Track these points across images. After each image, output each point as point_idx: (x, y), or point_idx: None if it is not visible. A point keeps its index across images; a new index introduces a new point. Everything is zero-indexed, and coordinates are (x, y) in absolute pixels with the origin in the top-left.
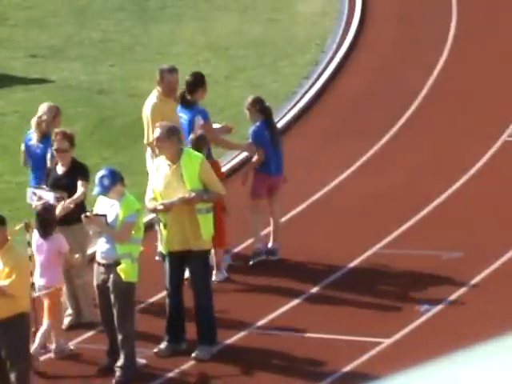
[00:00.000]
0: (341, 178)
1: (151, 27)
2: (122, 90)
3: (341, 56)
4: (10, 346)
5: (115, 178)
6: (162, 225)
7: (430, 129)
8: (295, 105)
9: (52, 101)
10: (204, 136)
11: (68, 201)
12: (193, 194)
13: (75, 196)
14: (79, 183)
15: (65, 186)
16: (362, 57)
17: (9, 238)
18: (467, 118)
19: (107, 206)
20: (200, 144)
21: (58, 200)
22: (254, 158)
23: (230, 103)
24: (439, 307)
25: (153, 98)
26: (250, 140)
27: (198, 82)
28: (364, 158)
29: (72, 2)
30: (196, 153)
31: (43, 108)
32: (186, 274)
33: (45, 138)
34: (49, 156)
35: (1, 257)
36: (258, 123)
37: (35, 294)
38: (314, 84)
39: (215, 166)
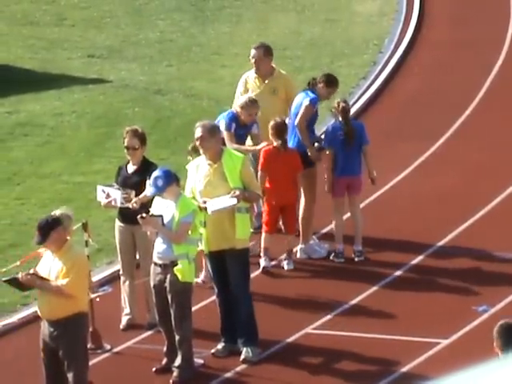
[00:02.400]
0: (398, 178)
1: (208, 28)
2: (179, 90)
3: (398, 56)
4: (67, 346)
5: (169, 178)
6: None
7: (488, 129)
8: (353, 105)
9: (109, 101)
10: (285, 123)
11: (134, 199)
12: (237, 192)
13: (141, 195)
14: (148, 183)
15: (134, 184)
16: (419, 57)
17: (68, 238)
18: None
19: (163, 207)
20: (283, 129)
21: (125, 199)
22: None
23: None
24: (497, 308)
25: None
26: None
27: (325, 79)
28: (422, 159)
29: (129, 2)
30: (236, 152)
31: None
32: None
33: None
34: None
35: (59, 257)
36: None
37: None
38: (371, 84)
39: (295, 156)
